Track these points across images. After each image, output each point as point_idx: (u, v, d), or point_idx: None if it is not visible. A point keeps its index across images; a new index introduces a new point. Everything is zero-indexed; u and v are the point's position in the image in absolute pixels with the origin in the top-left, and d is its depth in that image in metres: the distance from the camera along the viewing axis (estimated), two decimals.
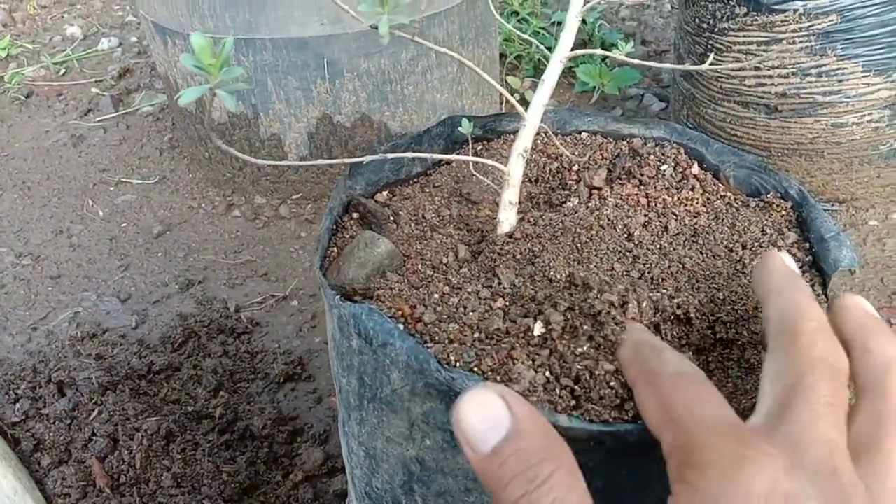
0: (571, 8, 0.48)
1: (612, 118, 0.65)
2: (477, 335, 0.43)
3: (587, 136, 0.65)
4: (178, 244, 1.45)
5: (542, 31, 1.97)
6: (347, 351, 0.48)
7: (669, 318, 0.44)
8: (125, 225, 1.52)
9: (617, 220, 0.53)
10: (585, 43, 2.01)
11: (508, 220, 0.52)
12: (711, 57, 0.70)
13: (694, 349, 0.44)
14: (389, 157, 0.52)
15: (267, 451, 1.00)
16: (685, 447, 0.31)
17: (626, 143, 0.63)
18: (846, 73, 1.22)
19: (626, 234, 0.53)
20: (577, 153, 0.62)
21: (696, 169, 0.59)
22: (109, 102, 1.92)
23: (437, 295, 0.47)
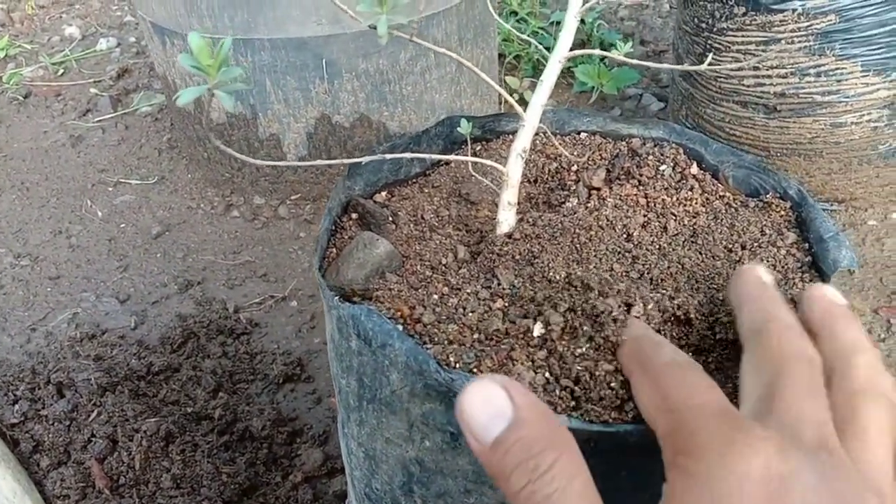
0: (570, 8, 0.48)
1: (610, 118, 0.65)
2: (476, 336, 0.43)
3: (586, 136, 0.65)
4: (176, 245, 1.45)
5: (540, 31, 1.97)
6: (347, 352, 0.48)
7: (669, 318, 0.44)
8: (124, 225, 1.52)
9: (616, 220, 0.53)
10: (584, 43, 2.01)
11: (507, 220, 0.52)
12: (710, 57, 0.70)
13: (694, 350, 0.44)
14: (388, 157, 0.52)
15: (266, 452, 1.00)
16: (679, 433, 0.32)
17: (624, 143, 0.63)
18: (845, 72, 1.22)
19: (625, 234, 0.53)
20: (575, 153, 0.62)
21: (695, 169, 0.59)
22: (108, 103, 1.92)
23: (436, 296, 0.47)
